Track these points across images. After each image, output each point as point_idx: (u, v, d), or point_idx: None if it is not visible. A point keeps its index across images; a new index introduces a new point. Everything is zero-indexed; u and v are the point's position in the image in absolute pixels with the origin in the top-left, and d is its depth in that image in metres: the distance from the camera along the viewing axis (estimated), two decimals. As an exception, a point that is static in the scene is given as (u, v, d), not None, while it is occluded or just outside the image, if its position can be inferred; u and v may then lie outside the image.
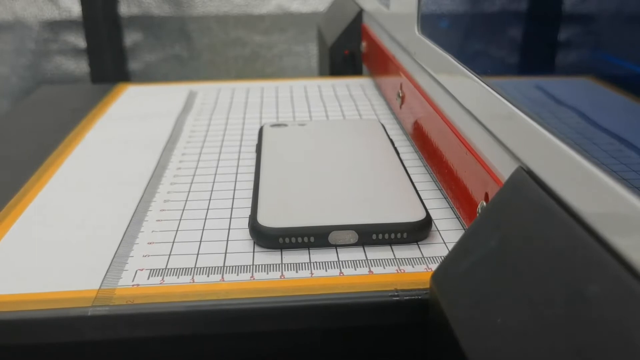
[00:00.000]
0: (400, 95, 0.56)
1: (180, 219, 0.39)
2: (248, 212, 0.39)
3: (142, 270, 0.34)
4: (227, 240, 0.37)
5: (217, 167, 0.48)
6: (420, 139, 0.49)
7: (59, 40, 1.31)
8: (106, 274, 0.33)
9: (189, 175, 0.46)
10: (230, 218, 0.39)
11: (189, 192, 0.43)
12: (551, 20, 0.29)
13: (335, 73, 0.81)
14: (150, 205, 0.41)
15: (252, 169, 0.47)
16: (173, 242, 0.37)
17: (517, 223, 0.27)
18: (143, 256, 0.35)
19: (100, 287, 0.32)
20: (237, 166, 0.48)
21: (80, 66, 1.33)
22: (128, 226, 0.38)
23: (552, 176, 0.26)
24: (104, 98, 0.67)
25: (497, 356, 0.23)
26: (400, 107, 0.56)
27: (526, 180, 0.28)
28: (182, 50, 1.34)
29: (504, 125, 0.31)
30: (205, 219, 0.39)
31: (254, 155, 0.50)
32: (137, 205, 0.41)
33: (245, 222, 0.38)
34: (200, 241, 0.37)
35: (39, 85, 1.30)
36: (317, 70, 1.04)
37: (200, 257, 0.35)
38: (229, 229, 0.38)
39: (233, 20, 1.33)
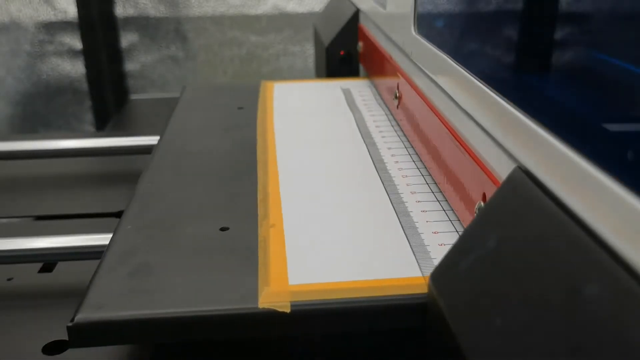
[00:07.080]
0: (397, 95, 0.56)
1: (443, 210, 0.39)
2: None
3: None
4: None
5: None
6: (417, 139, 0.49)
7: (55, 41, 1.31)
8: (418, 262, 0.33)
9: (412, 168, 0.46)
10: None
11: (426, 184, 0.43)
12: (548, 19, 0.29)
13: (331, 73, 0.81)
14: (401, 197, 0.41)
15: None
16: (456, 231, 0.37)
17: (515, 223, 0.27)
18: (439, 245, 0.35)
19: (423, 275, 0.32)
20: None
21: (76, 67, 1.33)
22: (398, 218, 0.38)
23: (550, 176, 0.26)
24: (259, 96, 0.66)
25: (496, 356, 0.23)
26: (397, 107, 0.56)
27: (524, 181, 0.28)
28: (178, 51, 1.34)
29: (502, 125, 0.31)
30: None
31: None
32: (389, 198, 0.41)
33: None
34: None
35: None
36: (314, 70, 1.04)
37: None
38: None
39: (229, 21, 1.33)
